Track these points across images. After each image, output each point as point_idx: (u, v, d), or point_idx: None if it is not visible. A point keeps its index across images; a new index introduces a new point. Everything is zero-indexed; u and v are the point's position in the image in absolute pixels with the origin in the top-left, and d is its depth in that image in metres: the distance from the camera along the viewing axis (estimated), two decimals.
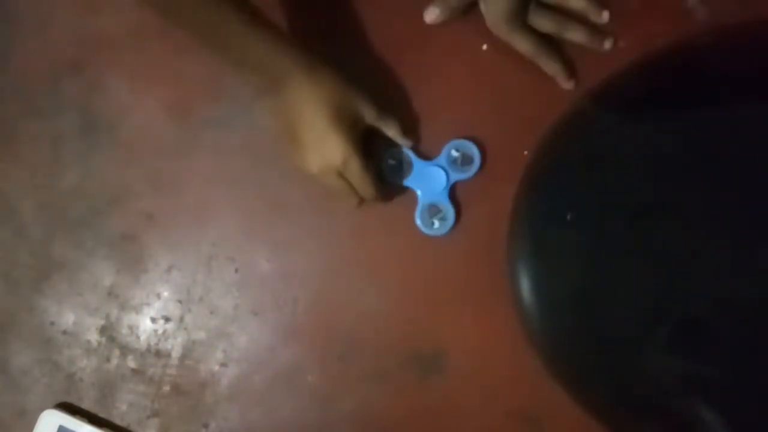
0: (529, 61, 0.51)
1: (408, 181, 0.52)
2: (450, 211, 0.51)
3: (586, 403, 0.47)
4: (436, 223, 0.51)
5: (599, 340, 0.46)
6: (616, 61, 0.50)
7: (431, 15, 0.52)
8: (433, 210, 0.52)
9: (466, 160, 0.52)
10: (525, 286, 0.47)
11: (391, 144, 0.52)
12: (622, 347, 0.45)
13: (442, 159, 0.52)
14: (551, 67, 0.51)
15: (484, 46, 0.52)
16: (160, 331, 0.54)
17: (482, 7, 0.51)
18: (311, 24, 0.54)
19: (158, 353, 0.54)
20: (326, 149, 0.48)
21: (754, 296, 0.42)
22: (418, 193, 0.52)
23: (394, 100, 0.53)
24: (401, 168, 0.52)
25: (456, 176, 0.52)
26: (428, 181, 0.52)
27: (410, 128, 0.53)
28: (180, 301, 0.54)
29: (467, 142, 0.51)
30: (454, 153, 0.52)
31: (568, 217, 0.46)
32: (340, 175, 0.49)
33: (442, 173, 0.52)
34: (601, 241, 0.45)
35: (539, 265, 0.48)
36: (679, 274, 0.43)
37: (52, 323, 0.55)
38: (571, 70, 0.51)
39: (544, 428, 0.50)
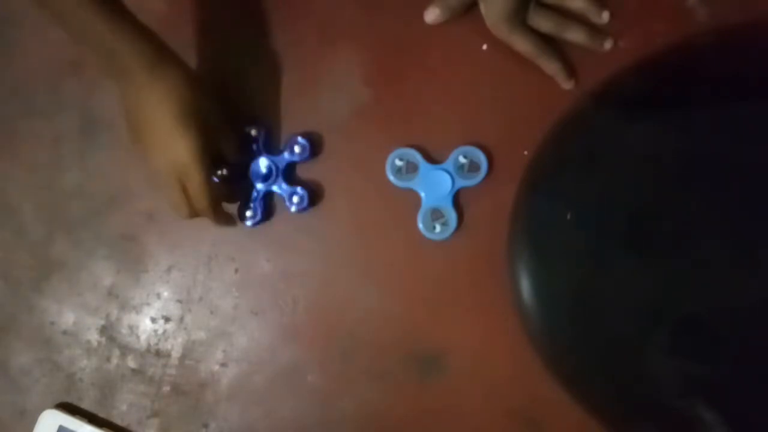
0: (529, 62, 0.51)
1: (413, 184, 0.52)
2: (453, 217, 0.51)
3: (586, 403, 0.47)
4: (438, 228, 0.51)
5: (599, 340, 0.46)
6: (616, 61, 0.50)
7: (431, 15, 0.52)
8: (436, 214, 0.52)
9: (473, 167, 0.51)
10: (525, 286, 0.47)
11: (396, 144, 0.52)
12: (622, 347, 0.45)
13: (449, 164, 0.52)
14: (551, 67, 0.51)
15: (484, 46, 0.52)
16: (160, 331, 0.54)
17: (482, 7, 0.51)
18: (310, 26, 0.54)
19: (158, 353, 0.54)
20: (169, 151, 0.46)
21: (754, 296, 0.42)
22: (422, 195, 0.52)
23: (394, 100, 0.53)
24: (407, 169, 0.52)
25: (462, 182, 0.52)
26: (433, 185, 0.52)
27: (413, 129, 0.53)
28: (180, 301, 0.54)
29: (475, 149, 0.51)
30: (462, 159, 0.51)
31: (568, 217, 0.46)
32: (180, 180, 0.47)
33: (447, 178, 0.52)
34: (601, 241, 0.46)
35: (539, 265, 0.48)
36: (679, 274, 0.43)
37: (52, 323, 0.55)
38: (570, 70, 0.51)
39: (544, 428, 0.50)
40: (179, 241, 0.54)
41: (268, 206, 0.53)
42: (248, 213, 0.53)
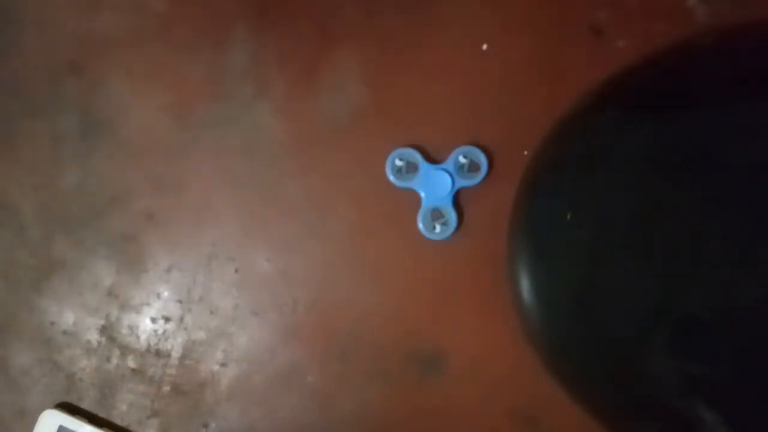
0: (529, 62, 0.51)
1: (413, 184, 0.52)
2: (453, 217, 0.51)
3: (586, 403, 0.47)
4: (438, 228, 0.51)
5: (599, 340, 0.46)
6: (616, 61, 0.50)
7: None
8: (436, 214, 0.52)
9: (473, 167, 0.51)
10: (525, 286, 0.47)
11: (396, 144, 0.52)
12: (622, 347, 0.45)
13: (449, 164, 0.52)
14: None
15: (484, 46, 0.53)
16: (160, 331, 0.54)
17: None
18: (310, 26, 0.54)
19: (158, 353, 0.54)
20: None
21: (755, 296, 0.42)
22: (422, 195, 0.52)
23: (394, 101, 0.53)
24: (407, 169, 0.52)
25: (462, 182, 0.52)
26: (433, 185, 0.52)
27: (413, 129, 0.53)
28: (180, 301, 0.54)
29: (475, 149, 0.51)
30: (462, 159, 0.52)
31: (568, 217, 0.46)
32: None
33: (447, 178, 0.52)
34: (601, 241, 0.45)
35: (539, 265, 0.47)
36: (680, 274, 0.43)
37: (52, 323, 0.55)
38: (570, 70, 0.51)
39: (544, 428, 0.50)
40: (179, 241, 0.54)
41: None
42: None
